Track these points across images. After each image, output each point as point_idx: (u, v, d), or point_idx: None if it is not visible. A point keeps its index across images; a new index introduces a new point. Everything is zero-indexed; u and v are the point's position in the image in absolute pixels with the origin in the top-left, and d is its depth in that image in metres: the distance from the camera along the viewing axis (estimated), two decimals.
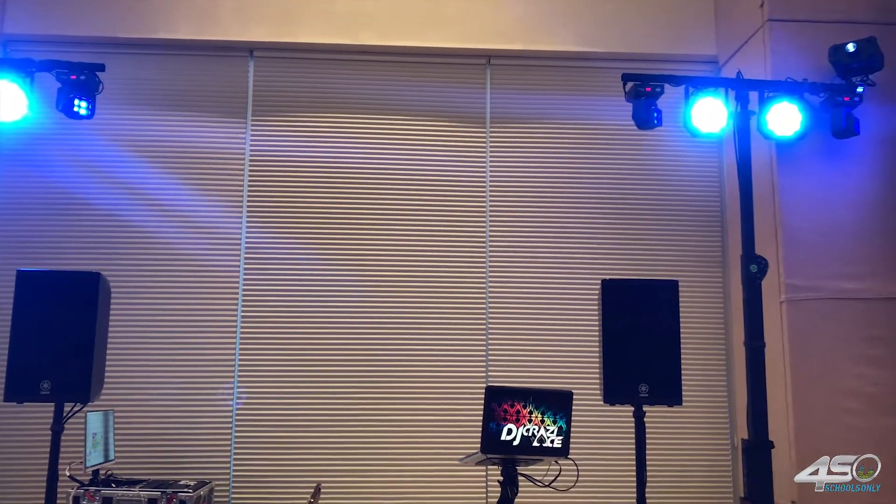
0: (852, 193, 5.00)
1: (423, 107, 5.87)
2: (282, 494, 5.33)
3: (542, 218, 5.79)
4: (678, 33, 5.91)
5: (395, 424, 5.48)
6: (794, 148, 4.99)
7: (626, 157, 5.88)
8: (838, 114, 4.88)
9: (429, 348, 5.59)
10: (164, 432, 5.36)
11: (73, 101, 4.74)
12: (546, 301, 5.69)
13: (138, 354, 5.39)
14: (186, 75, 5.76)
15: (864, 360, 4.84)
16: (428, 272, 5.68)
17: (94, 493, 4.47)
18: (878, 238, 4.95)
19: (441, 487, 5.42)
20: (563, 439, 3.52)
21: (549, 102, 5.92)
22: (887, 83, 4.91)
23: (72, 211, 5.54)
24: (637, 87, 4.86)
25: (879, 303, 4.90)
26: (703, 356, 5.61)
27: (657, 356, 4.02)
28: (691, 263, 5.75)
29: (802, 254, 4.94)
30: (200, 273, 5.56)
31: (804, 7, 5.18)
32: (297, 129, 5.78)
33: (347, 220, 5.69)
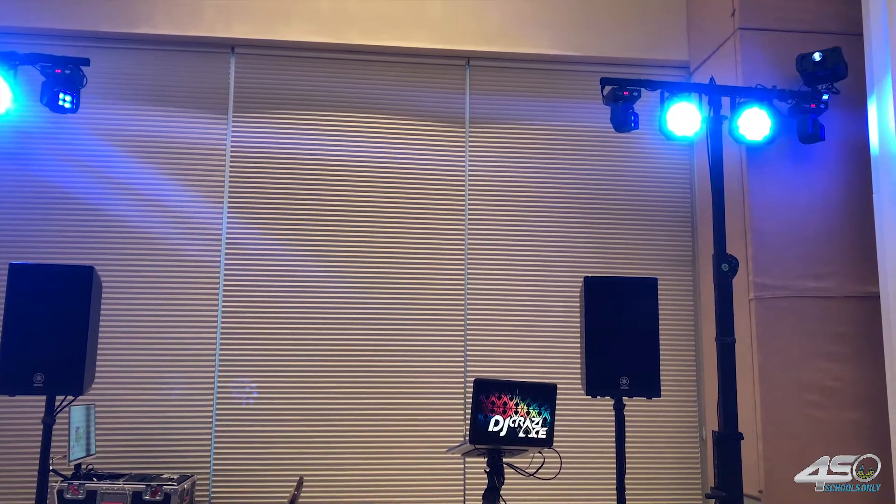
0: (818, 196, 5.20)
1: (403, 106, 5.95)
2: (263, 488, 5.38)
3: (518, 217, 5.92)
4: (651, 39, 6.09)
5: (375, 418, 5.56)
6: (764, 152, 5.19)
7: (601, 159, 6.04)
8: (805, 120, 5.08)
9: (408, 344, 5.69)
10: (144, 426, 5.36)
11: (58, 95, 4.71)
12: (521, 298, 5.83)
13: (118, 348, 5.39)
14: (168, 70, 5.76)
15: (826, 356, 5.04)
16: (407, 270, 5.77)
17: (77, 486, 4.48)
18: (842, 239, 5.16)
19: (420, 480, 5.52)
20: (548, 430, 3.61)
21: (527, 104, 6.05)
22: (851, 91, 5.11)
23: (53, 204, 5.51)
24: (615, 91, 4.98)
25: (842, 301, 5.11)
26: (674, 352, 5.78)
27: (637, 350, 4.16)
28: (663, 262, 5.94)
29: (770, 254, 5.12)
30: (181, 268, 5.58)
31: (773, 17, 5.37)
32: (279, 125, 5.82)
33: (328, 217, 5.76)
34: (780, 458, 4.88)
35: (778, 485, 4.86)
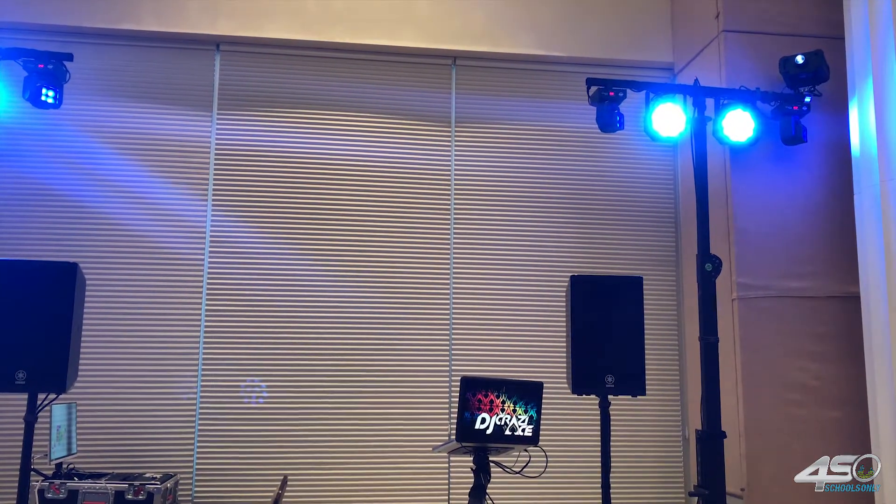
0: (800, 197, 5.26)
1: (389, 105, 5.94)
2: (246, 487, 5.35)
3: (503, 216, 5.93)
4: (636, 40, 6.13)
5: (360, 417, 5.55)
6: (747, 153, 5.24)
7: (585, 159, 6.07)
8: (788, 122, 5.13)
9: (393, 343, 5.68)
10: (126, 425, 5.32)
11: (41, 90, 4.68)
12: (506, 297, 5.84)
13: (100, 345, 5.33)
14: (153, 67, 5.72)
15: (807, 355, 5.09)
16: (392, 268, 5.77)
17: (59, 485, 4.43)
18: (823, 240, 5.22)
19: (405, 478, 5.52)
20: (534, 428, 3.61)
21: (512, 104, 6.06)
22: (832, 94, 5.18)
23: (34, 200, 5.45)
24: (601, 92, 5.01)
25: (823, 301, 5.17)
26: (656, 351, 5.81)
27: (623, 349, 4.18)
28: (646, 262, 5.97)
29: (753, 254, 5.17)
30: (164, 265, 5.54)
31: (757, 20, 5.42)
32: (263, 123, 5.80)
33: (313, 215, 5.74)
34: (762, 457, 4.93)
35: (759, 483, 4.91)
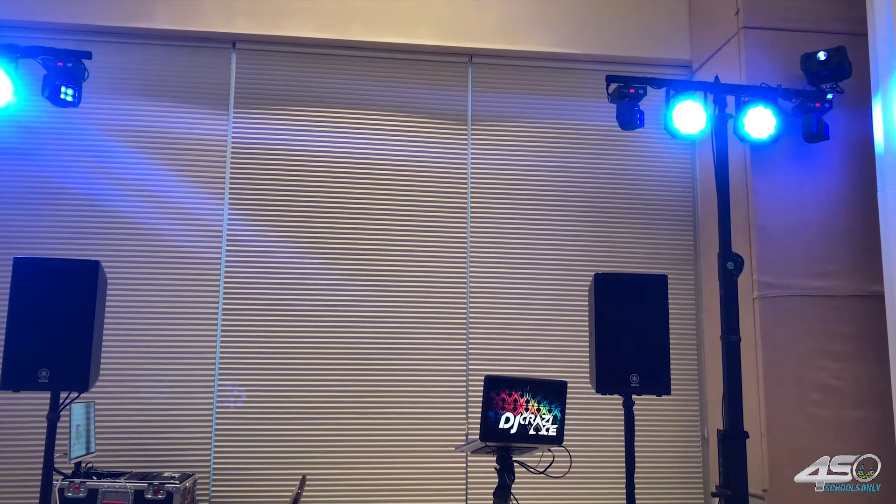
0: (821, 195, 5.21)
1: (405, 103, 5.92)
2: (265, 487, 5.34)
3: (520, 215, 5.90)
4: (654, 38, 6.09)
5: (378, 416, 5.53)
6: (768, 151, 5.19)
7: (602, 157, 6.03)
8: (809, 119, 5.09)
9: (411, 342, 5.65)
10: (143, 424, 5.31)
11: (60, 88, 4.65)
12: (523, 296, 5.81)
13: (117, 344, 5.32)
14: (169, 65, 5.71)
15: (829, 354, 5.05)
16: (409, 267, 5.74)
17: (79, 484, 4.42)
18: (845, 238, 5.17)
19: (423, 478, 5.49)
20: (558, 427, 3.59)
21: (529, 102, 6.03)
22: (855, 91, 5.13)
23: (52, 199, 5.45)
24: (621, 89, 4.97)
25: (844, 300, 5.12)
26: (675, 351, 5.65)
27: (647, 348, 4.15)
28: (665, 260, 5.93)
29: (774, 253, 5.13)
30: (181, 263, 5.53)
31: (777, 16, 5.38)
32: (280, 121, 5.78)
33: (329, 214, 5.72)
34: (784, 457, 4.88)
35: (782, 483, 4.86)
